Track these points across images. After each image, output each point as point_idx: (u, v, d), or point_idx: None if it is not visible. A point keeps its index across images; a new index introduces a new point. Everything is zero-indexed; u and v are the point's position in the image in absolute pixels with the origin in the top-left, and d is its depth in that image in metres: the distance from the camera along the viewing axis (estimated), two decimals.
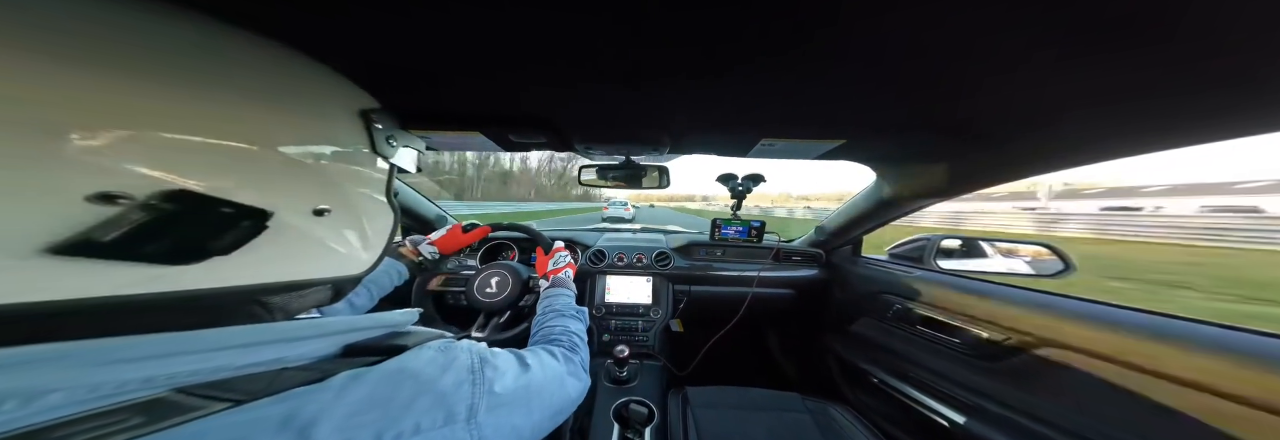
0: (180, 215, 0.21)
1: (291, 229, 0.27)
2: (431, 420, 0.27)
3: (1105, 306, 0.71)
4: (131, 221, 0.19)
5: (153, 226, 0.20)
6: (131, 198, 0.19)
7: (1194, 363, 0.53)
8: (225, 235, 0.23)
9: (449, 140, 0.78)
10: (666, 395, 0.96)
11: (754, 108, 0.56)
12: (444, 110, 0.61)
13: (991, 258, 1.24)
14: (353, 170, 0.32)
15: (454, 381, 0.30)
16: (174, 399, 0.19)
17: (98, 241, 0.18)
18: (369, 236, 0.35)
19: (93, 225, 0.18)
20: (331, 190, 0.30)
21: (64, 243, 0.17)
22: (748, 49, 0.37)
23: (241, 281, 0.25)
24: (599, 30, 0.34)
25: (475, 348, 0.35)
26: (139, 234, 0.19)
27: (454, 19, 0.33)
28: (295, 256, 0.28)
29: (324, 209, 0.29)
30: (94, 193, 0.18)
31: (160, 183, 0.20)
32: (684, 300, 1.33)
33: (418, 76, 0.46)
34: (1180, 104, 0.44)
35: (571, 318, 0.68)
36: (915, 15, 0.30)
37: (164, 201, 0.20)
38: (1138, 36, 0.32)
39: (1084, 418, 0.62)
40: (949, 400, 0.85)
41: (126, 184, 0.18)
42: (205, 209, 0.22)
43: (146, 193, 0.19)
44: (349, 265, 0.34)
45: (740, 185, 1.20)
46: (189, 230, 0.22)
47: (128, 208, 0.19)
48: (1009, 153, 0.70)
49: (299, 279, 0.29)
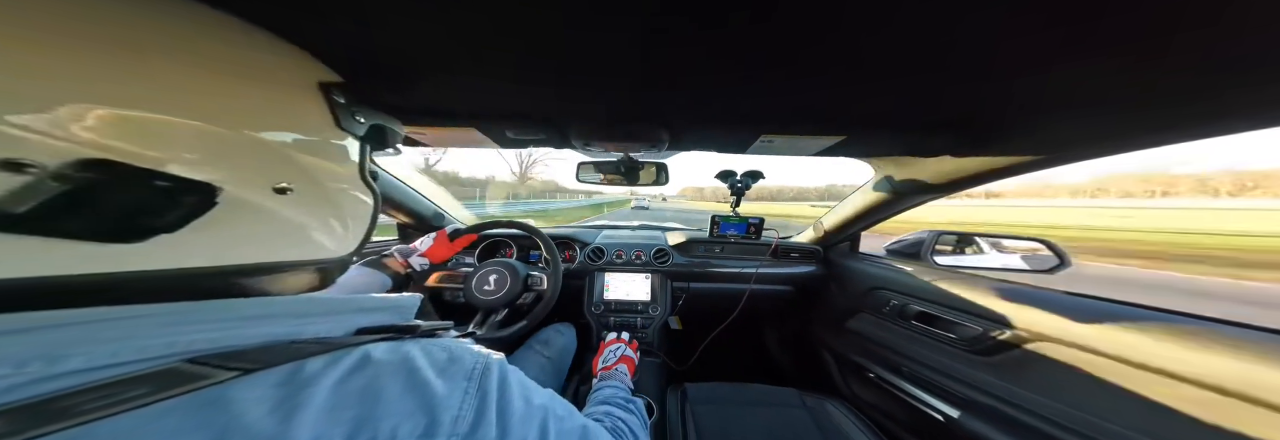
0: (103, 187, 0.19)
1: (250, 207, 0.25)
2: (411, 427, 0.23)
3: (1099, 301, 0.71)
4: (46, 192, 0.17)
5: (72, 198, 0.18)
6: (41, 167, 0.17)
7: (1188, 357, 0.53)
8: (166, 211, 0.21)
9: (443, 136, 0.77)
10: (665, 392, 0.97)
11: (753, 105, 0.56)
12: (438, 105, 0.60)
13: (987, 253, 1.25)
14: (314, 147, 0.30)
15: (448, 388, 0.26)
16: (185, 369, 0.19)
17: (10, 213, 0.17)
18: (346, 218, 0.33)
19: (2, 195, 0.17)
20: (291, 167, 0.28)
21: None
22: (747, 47, 0.36)
23: (202, 262, 0.24)
24: (599, 30, 0.34)
25: (484, 354, 0.31)
26: (58, 206, 0.18)
27: (449, 17, 0.32)
28: (261, 237, 0.27)
29: (285, 187, 0.27)
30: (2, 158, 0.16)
31: (75, 152, 0.18)
32: (683, 297, 1.33)
33: (411, 71, 0.46)
34: (1179, 101, 0.44)
35: (622, 407, 0.58)
36: (916, 14, 0.30)
37: (80, 171, 0.18)
38: (1137, 34, 0.31)
39: (1077, 411, 0.63)
40: (944, 395, 0.86)
41: (34, 153, 0.17)
42: (132, 181, 0.20)
43: (58, 162, 0.17)
44: (328, 247, 0.32)
45: (739, 182, 1.20)
46: (117, 204, 0.20)
47: (39, 177, 0.17)
48: (1009, 149, 0.70)
49: (272, 261, 0.28)
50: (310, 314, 0.26)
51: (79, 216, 0.19)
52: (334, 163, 0.32)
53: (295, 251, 0.30)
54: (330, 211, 0.32)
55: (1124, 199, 51.45)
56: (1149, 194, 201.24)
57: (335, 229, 0.33)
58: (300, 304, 0.26)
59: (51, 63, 0.18)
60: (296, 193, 0.28)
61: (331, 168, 0.32)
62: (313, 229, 0.31)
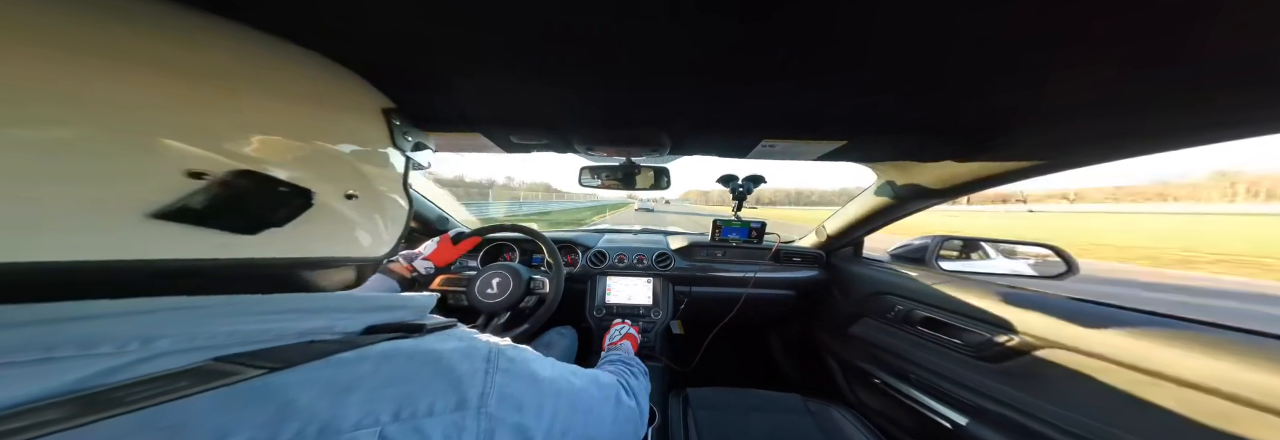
0: (248, 191, 0.25)
1: (327, 209, 0.30)
2: (445, 403, 0.28)
3: (1108, 308, 0.70)
4: (212, 194, 0.23)
5: (228, 199, 0.24)
6: (213, 175, 0.23)
7: (1197, 364, 0.52)
8: (279, 210, 0.27)
9: (448, 141, 0.78)
10: (667, 397, 0.96)
11: (754, 109, 0.56)
12: (444, 111, 0.61)
13: (994, 259, 1.23)
14: (375, 161, 0.36)
15: (470, 369, 0.31)
16: (213, 367, 0.21)
17: (191, 209, 0.23)
18: (387, 222, 0.39)
19: (187, 195, 0.22)
20: (359, 178, 0.34)
21: (165, 208, 0.22)
22: (748, 52, 0.37)
23: (287, 254, 0.29)
24: (603, 35, 0.34)
25: (493, 341, 0.36)
26: (220, 205, 0.24)
27: (455, 24, 0.33)
28: (329, 235, 0.32)
29: (353, 194, 0.32)
30: (188, 170, 0.22)
31: (233, 164, 0.24)
32: (685, 301, 1.33)
33: (417, 77, 0.46)
34: (1182, 105, 0.44)
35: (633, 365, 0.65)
36: (917, 18, 0.30)
37: (236, 178, 0.24)
38: (1141, 38, 0.31)
39: (1088, 420, 0.62)
40: (951, 401, 0.84)
41: (209, 165, 0.23)
42: (266, 186, 0.26)
43: (223, 171, 0.23)
44: (370, 248, 0.37)
45: (741, 186, 1.20)
46: (253, 205, 0.26)
47: (210, 182, 0.23)
48: (1011, 154, 0.69)
49: (330, 256, 0.32)
50: (350, 309, 0.29)
51: (231, 212, 0.25)
52: (386, 174, 0.38)
53: (347, 249, 0.34)
54: (379, 216, 0.37)
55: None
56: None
57: (380, 232, 0.38)
58: (342, 300, 0.29)
59: (214, 102, 0.24)
60: (360, 199, 0.33)
61: (384, 178, 0.37)
62: (364, 230, 0.35)
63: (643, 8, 0.30)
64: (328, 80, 0.33)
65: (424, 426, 0.26)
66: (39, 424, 0.16)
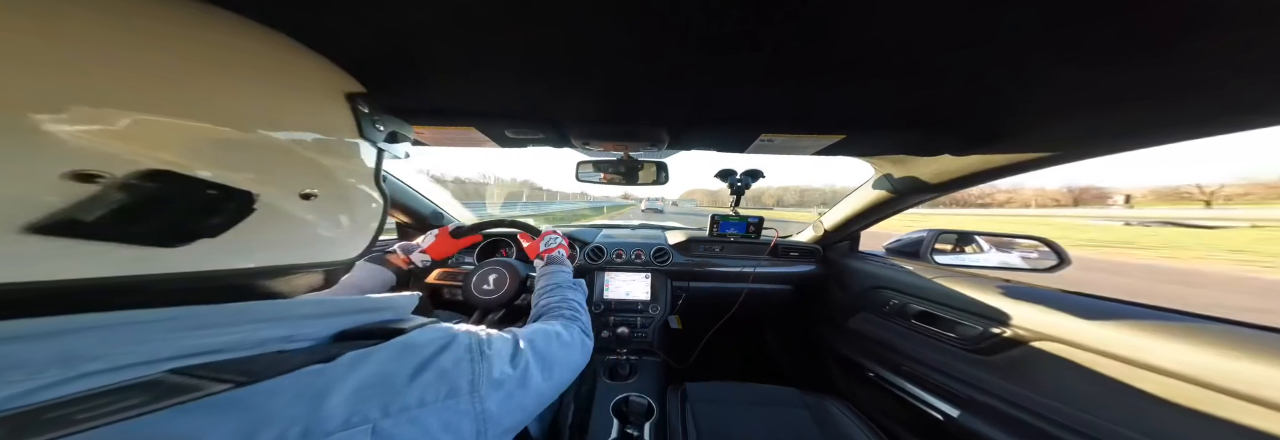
0: (163, 195, 0.21)
1: (278, 212, 0.27)
2: (434, 394, 0.28)
3: (1098, 300, 0.71)
4: (113, 201, 0.19)
5: (135, 206, 0.20)
6: (110, 177, 0.19)
7: (1185, 356, 0.53)
8: (211, 217, 0.23)
9: (442, 136, 0.77)
10: (666, 391, 0.97)
11: (752, 104, 0.55)
12: (437, 105, 0.60)
13: (987, 252, 1.25)
14: (338, 154, 0.32)
15: (453, 359, 0.31)
16: (173, 381, 0.20)
17: (80, 220, 0.18)
18: (357, 222, 0.35)
19: (73, 204, 0.18)
20: (317, 174, 0.29)
21: (45, 221, 0.17)
22: (747, 47, 0.36)
23: (232, 265, 0.25)
24: (600, 31, 0.34)
25: (474, 330, 0.37)
26: (122, 214, 0.19)
27: (450, 17, 0.32)
28: (284, 240, 0.28)
29: (310, 193, 0.28)
30: (70, 171, 0.18)
31: (139, 163, 0.19)
32: (683, 296, 1.33)
33: (410, 71, 0.45)
34: (1178, 101, 0.44)
35: (568, 288, 0.70)
36: (915, 14, 0.30)
37: (144, 181, 0.20)
38: (1138, 36, 0.31)
39: (1077, 410, 0.63)
40: (944, 394, 0.86)
41: (104, 163, 0.18)
42: (188, 189, 0.22)
43: (125, 172, 0.19)
44: (338, 250, 0.34)
45: (739, 181, 1.20)
46: (173, 211, 0.21)
47: (107, 187, 0.18)
48: (1009, 148, 0.69)
49: (288, 263, 0.29)
50: (314, 315, 0.28)
51: (138, 222, 0.20)
52: (352, 168, 0.33)
53: (309, 253, 0.31)
54: (345, 215, 0.33)
55: None
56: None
57: (347, 232, 0.34)
58: (309, 305, 0.27)
59: (114, 83, 0.19)
60: (319, 198, 0.29)
61: (350, 173, 0.33)
62: (327, 232, 0.32)
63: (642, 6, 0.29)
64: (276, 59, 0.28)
65: (420, 417, 0.26)
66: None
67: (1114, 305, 0.69)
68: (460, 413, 0.29)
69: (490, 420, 0.31)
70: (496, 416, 0.32)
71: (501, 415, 0.33)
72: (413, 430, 0.26)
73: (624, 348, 1.18)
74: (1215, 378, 0.50)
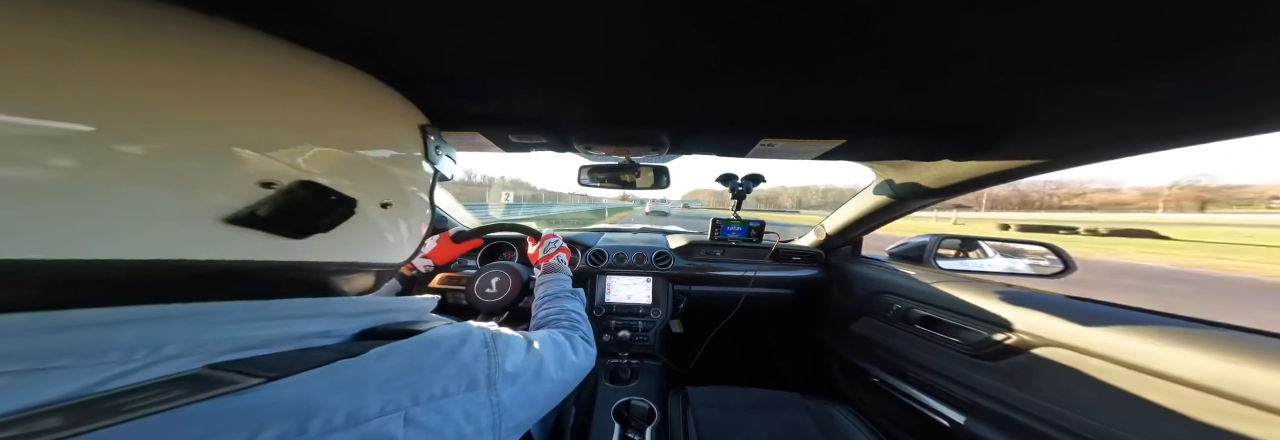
0: (308, 199, 0.27)
1: (365, 217, 0.32)
2: (457, 386, 0.30)
3: (1105, 306, 0.71)
4: (279, 202, 0.25)
5: (290, 207, 0.26)
6: (280, 185, 0.25)
7: (1193, 362, 0.53)
8: (328, 217, 0.29)
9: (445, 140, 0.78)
10: (667, 395, 0.96)
11: (753, 108, 0.56)
12: (441, 111, 0.61)
13: (991, 258, 1.24)
14: (409, 173, 0.38)
15: (471, 354, 0.33)
16: (210, 375, 0.21)
17: (259, 215, 0.25)
18: (412, 229, 0.41)
19: (257, 202, 0.24)
20: (394, 187, 0.35)
21: (238, 214, 0.24)
22: (747, 52, 0.37)
23: (323, 258, 0.30)
24: (600, 34, 0.34)
25: (486, 327, 0.39)
26: (284, 212, 0.26)
27: (454, 25, 0.33)
28: (361, 240, 0.34)
29: (388, 202, 0.35)
30: (261, 180, 0.24)
31: (297, 175, 0.26)
32: (684, 300, 1.33)
33: (415, 77, 0.46)
34: (1179, 106, 0.44)
35: (567, 298, 0.70)
36: (917, 18, 0.30)
37: (300, 188, 0.26)
38: (1139, 41, 0.32)
39: (1085, 418, 0.62)
40: (949, 400, 0.85)
41: (277, 175, 0.25)
42: (322, 196, 0.28)
43: (289, 181, 0.26)
44: (394, 253, 0.39)
45: (740, 185, 1.20)
46: (310, 211, 0.28)
47: (278, 191, 0.25)
48: (1009, 153, 0.70)
49: (357, 261, 0.34)
50: (351, 313, 0.30)
51: (289, 218, 0.27)
52: (416, 185, 0.40)
53: (374, 254, 0.36)
54: (405, 224, 0.39)
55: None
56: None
57: (404, 237, 0.39)
58: (346, 304, 0.30)
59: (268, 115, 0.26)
60: (393, 207, 0.35)
61: (416, 188, 0.40)
62: (391, 237, 0.37)
63: (646, 11, 0.30)
64: (375, 96, 0.35)
65: (445, 406, 0.29)
66: (35, 433, 0.16)
67: (1119, 311, 0.68)
68: (479, 405, 0.31)
69: (505, 413, 0.33)
70: (510, 409, 0.34)
71: (515, 408, 0.35)
72: (438, 418, 0.28)
73: (625, 352, 1.18)
74: (1222, 384, 0.49)
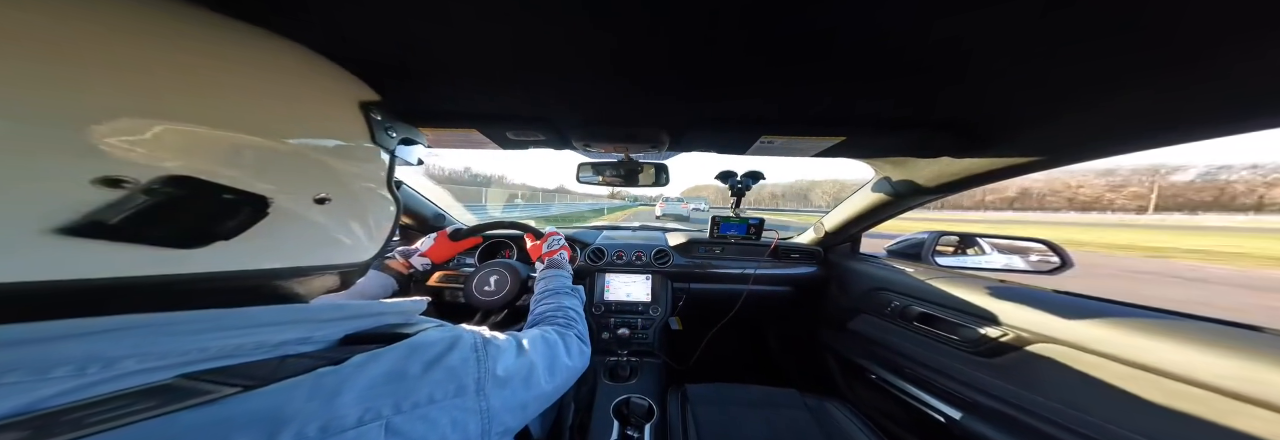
0: (182, 200, 0.22)
1: (292, 216, 0.28)
2: (444, 392, 0.29)
3: (1101, 302, 0.71)
4: (136, 205, 0.20)
5: (156, 210, 0.21)
6: (135, 182, 0.20)
7: (1189, 358, 0.53)
8: (227, 220, 0.24)
9: (444, 138, 0.77)
10: (666, 392, 0.97)
11: (752, 106, 0.56)
12: (439, 107, 0.60)
13: (989, 254, 1.24)
14: (352, 160, 0.33)
15: (460, 358, 0.32)
16: (184, 385, 0.20)
17: (105, 223, 0.19)
18: (371, 225, 0.36)
19: (100, 208, 0.19)
20: (331, 179, 0.30)
21: (73, 224, 0.18)
22: (746, 50, 0.37)
23: (248, 266, 0.26)
24: (600, 33, 0.34)
25: (476, 330, 0.37)
26: (144, 217, 0.20)
27: (454, 23, 0.33)
28: (298, 243, 0.30)
29: (324, 197, 0.30)
30: (99, 177, 0.19)
31: (162, 169, 0.20)
32: (683, 298, 1.33)
33: (412, 74, 0.46)
34: (1176, 102, 0.44)
35: (566, 295, 0.70)
36: (913, 15, 0.30)
37: (166, 186, 0.21)
38: (1137, 38, 0.31)
39: (1080, 413, 0.63)
40: (945, 396, 0.85)
41: (130, 170, 0.19)
42: (206, 194, 0.23)
43: (149, 178, 0.20)
44: (352, 252, 0.35)
45: (739, 182, 1.20)
46: (191, 215, 0.23)
47: (132, 192, 0.20)
48: (1008, 150, 0.69)
49: (304, 265, 0.30)
50: (329, 319, 0.28)
51: (158, 225, 0.21)
52: (366, 174, 0.35)
53: (324, 256, 0.32)
54: (359, 219, 0.35)
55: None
56: None
57: (361, 235, 0.35)
58: (321, 310, 0.28)
59: (138, 93, 0.20)
60: (333, 202, 0.31)
61: (364, 179, 0.35)
62: (342, 235, 0.33)
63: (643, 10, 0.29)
64: (292, 70, 0.29)
65: (430, 414, 0.27)
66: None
67: (1114, 307, 0.69)
68: (467, 410, 0.30)
69: (494, 418, 0.32)
70: (499, 415, 0.33)
71: (504, 413, 0.34)
72: (423, 426, 0.27)
73: (624, 349, 1.18)
74: (1213, 378, 0.50)
